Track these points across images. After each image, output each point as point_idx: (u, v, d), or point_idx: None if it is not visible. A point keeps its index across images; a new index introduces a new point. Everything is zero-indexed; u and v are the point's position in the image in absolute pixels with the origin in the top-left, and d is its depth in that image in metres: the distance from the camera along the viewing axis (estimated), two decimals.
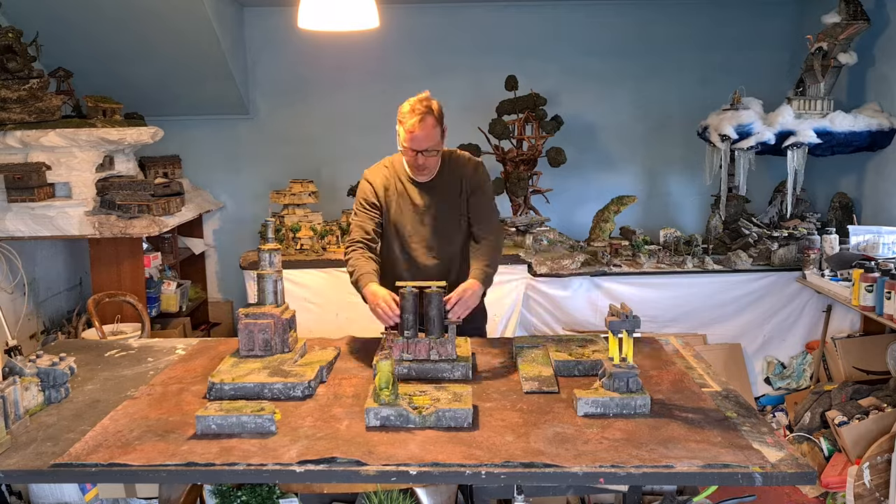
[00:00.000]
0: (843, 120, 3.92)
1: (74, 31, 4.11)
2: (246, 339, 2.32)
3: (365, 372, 2.32)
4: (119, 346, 2.71)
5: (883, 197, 4.01)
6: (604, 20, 4.87)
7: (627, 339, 2.04)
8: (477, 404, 2.03)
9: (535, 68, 4.76)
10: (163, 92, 4.63)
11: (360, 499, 2.10)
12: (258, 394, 2.11)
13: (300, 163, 4.96)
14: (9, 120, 3.69)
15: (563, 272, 4.01)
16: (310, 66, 4.90)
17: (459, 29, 4.88)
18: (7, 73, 3.69)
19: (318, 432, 1.88)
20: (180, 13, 4.00)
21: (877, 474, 2.97)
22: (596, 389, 2.01)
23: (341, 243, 4.29)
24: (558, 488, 1.93)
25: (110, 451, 1.79)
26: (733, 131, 4.11)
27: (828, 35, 4.01)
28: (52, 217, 3.73)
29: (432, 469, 1.70)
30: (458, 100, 4.87)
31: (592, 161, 4.97)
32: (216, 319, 5.05)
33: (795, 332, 4.13)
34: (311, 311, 4.05)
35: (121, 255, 3.90)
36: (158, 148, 4.56)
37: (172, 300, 4.23)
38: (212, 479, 1.90)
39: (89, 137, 3.75)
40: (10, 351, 3.49)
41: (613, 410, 1.95)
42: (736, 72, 4.72)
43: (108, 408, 2.09)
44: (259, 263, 2.42)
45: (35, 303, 4.08)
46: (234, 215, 5.15)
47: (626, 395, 1.97)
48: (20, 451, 1.82)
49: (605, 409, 1.96)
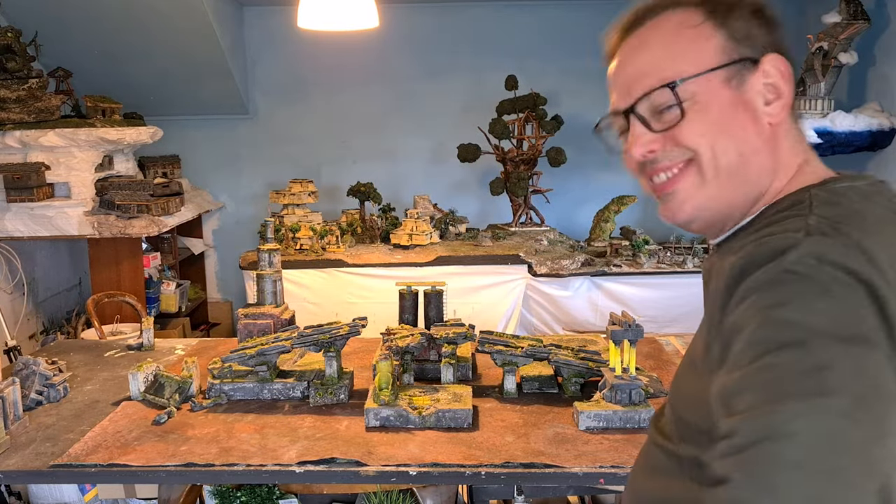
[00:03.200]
0: (844, 120, 3.91)
1: (74, 31, 4.10)
2: (245, 339, 2.32)
3: (365, 372, 2.32)
4: (118, 346, 2.71)
5: None
6: (604, 20, 4.84)
7: (629, 348, 1.97)
8: (477, 405, 2.03)
9: (535, 68, 4.76)
10: (162, 92, 4.62)
11: (360, 499, 2.09)
12: (258, 394, 2.11)
13: (300, 163, 4.96)
14: (8, 120, 3.69)
15: (563, 272, 4.01)
16: (309, 65, 4.89)
17: (459, 29, 4.87)
18: (6, 73, 3.68)
19: (318, 433, 1.88)
20: (180, 13, 3.99)
21: None
22: (597, 402, 1.94)
23: (341, 243, 4.29)
24: (558, 488, 1.92)
25: (109, 452, 1.78)
26: None
27: (828, 35, 4.01)
28: (52, 217, 3.73)
29: (432, 469, 1.70)
30: (458, 100, 4.88)
31: (593, 161, 4.96)
32: (216, 319, 5.05)
33: None
34: (310, 311, 4.05)
35: (120, 256, 3.89)
36: (158, 148, 4.55)
37: (172, 300, 4.22)
38: (211, 480, 1.90)
39: (88, 137, 3.75)
40: (10, 351, 3.48)
41: (616, 424, 1.87)
42: None
43: (107, 408, 2.08)
44: (258, 263, 2.41)
45: (34, 303, 4.08)
46: (234, 215, 5.15)
47: (629, 407, 1.89)
48: (19, 451, 1.81)
49: (608, 422, 1.87)
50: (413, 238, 4.25)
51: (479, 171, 4.81)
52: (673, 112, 0.83)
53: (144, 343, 2.66)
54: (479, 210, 4.98)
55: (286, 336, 2.17)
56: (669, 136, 0.84)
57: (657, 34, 0.87)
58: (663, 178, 0.87)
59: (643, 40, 0.88)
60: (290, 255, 4.16)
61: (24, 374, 2.13)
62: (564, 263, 4.04)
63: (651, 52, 0.86)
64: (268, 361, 2.13)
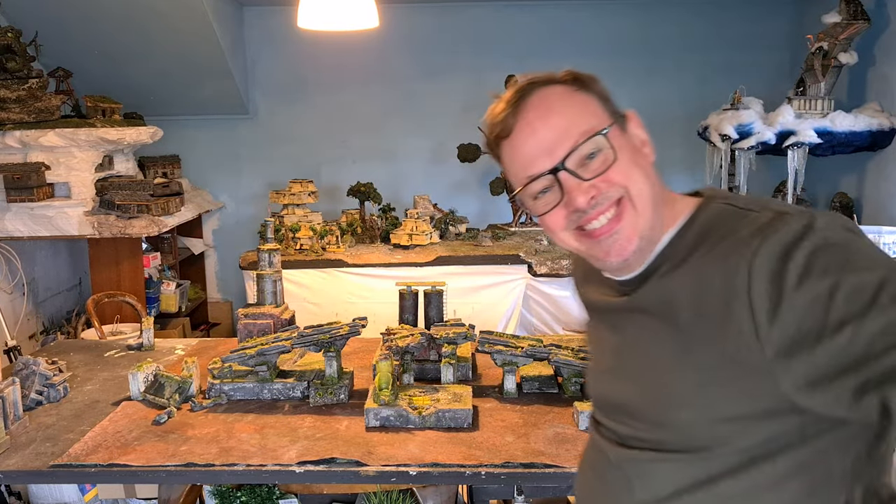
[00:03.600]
0: (844, 120, 3.91)
1: (73, 31, 4.10)
2: (245, 339, 2.32)
3: (365, 372, 2.32)
4: (118, 346, 2.71)
5: (884, 197, 4.01)
6: (604, 20, 4.87)
7: None
8: (477, 405, 2.03)
9: (535, 68, 4.66)
10: (162, 92, 4.62)
11: (360, 499, 2.09)
12: (258, 394, 2.11)
13: (300, 163, 4.96)
14: (8, 120, 3.69)
15: (563, 272, 4.01)
16: (309, 65, 4.89)
17: (459, 29, 4.87)
18: (6, 73, 3.68)
19: (318, 433, 1.88)
20: (180, 12, 3.99)
21: None
22: None
23: (341, 243, 4.29)
24: (558, 488, 1.92)
25: (109, 452, 1.78)
26: (734, 131, 4.10)
27: (828, 35, 4.01)
28: (52, 217, 3.73)
29: (432, 469, 1.70)
30: (458, 100, 4.88)
31: None
32: (216, 319, 5.04)
33: None
34: (310, 311, 4.04)
35: (120, 256, 3.89)
36: (158, 148, 4.55)
37: (172, 300, 4.22)
38: (211, 480, 1.90)
39: (88, 137, 3.75)
40: (10, 351, 3.48)
41: None
42: (736, 72, 4.71)
43: (107, 408, 2.08)
44: (258, 263, 2.41)
45: (34, 303, 4.08)
46: (234, 215, 5.15)
47: None
48: (19, 451, 1.81)
49: None
50: (413, 238, 4.25)
51: (479, 171, 4.81)
52: (600, 158, 0.93)
53: (144, 343, 2.66)
54: (479, 210, 4.98)
55: (286, 336, 2.17)
56: (602, 180, 0.93)
57: (556, 102, 0.96)
58: (603, 220, 0.94)
59: (545, 109, 0.96)
60: (290, 255, 4.16)
61: (24, 374, 2.13)
62: (564, 263, 4.04)
63: (562, 115, 0.95)
64: (268, 361, 2.13)
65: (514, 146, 0.97)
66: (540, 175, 0.95)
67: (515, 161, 0.98)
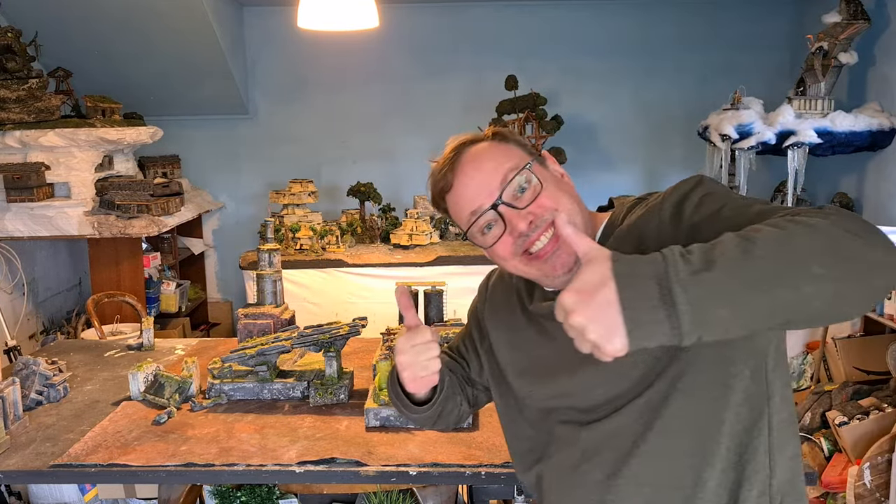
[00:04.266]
0: (844, 120, 3.91)
1: (74, 31, 4.10)
2: (245, 339, 2.32)
3: (365, 372, 2.32)
4: (118, 346, 2.70)
5: (884, 197, 4.01)
6: (604, 20, 4.87)
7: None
8: None
9: (535, 68, 4.76)
10: (162, 92, 4.63)
11: (360, 499, 2.09)
12: (258, 394, 2.11)
13: (300, 163, 4.96)
14: (8, 120, 3.69)
15: None
16: (309, 65, 4.89)
17: (459, 29, 4.87)
18: (6, 73, 3.68)
19: (318, 432, 1.88)
20: (180, 13, 3.99)
21: (877, 475, 2.97)
22: None
23: (341, 243, 4.29)
24: None
25: (110, 452, 1.78)
26: (734, 131, 4.10)
27: (828, 35, 4.01)
28: (52, 217, 3.73)
29: (432, 469, 1.70)
30: (458, 100, 4.88)
31: (592, 161, 4.96)
32: (215, 319, 5.05)
33: (796, 332, 4.12)
34: (310, 311, 4.05)
35: (120, 256, 3.89)
36: (158, 148, 4.55)
37: (172, 300, 4.22)
38: (211, 480, 1.90)
39: (88, 137, 3.75)
40: (10, 351, 3.49)
41: None
42: (736, 72, 4.71)
43: (107, 408, 2.08)
44: (258, 263, 2.41)
45: (34, 303, 4.08)
46: (234, 215, 5.15)
47: None
48: (19, 451, 1.81)
49: None
50: (413, 238, 4.25)
51: None
52: (530, 190, 1.09)
53: (144, 343, 2.66)
54: None
55: (286, 336, 2.17)
56: (535, 206, 1.08)
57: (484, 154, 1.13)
58: (544, 240, 1.08)
59: (477, 160, 1.12)
60: (290, 255, 4.16)
61: (24, 374, 2.13)
62: None
63: (491, 161, 1.11)
64: (268, 361, 2.13)
65: (457, 195, 1.13)
66: (483, 211, 1.09)
67: (460, 207, 1.13)
